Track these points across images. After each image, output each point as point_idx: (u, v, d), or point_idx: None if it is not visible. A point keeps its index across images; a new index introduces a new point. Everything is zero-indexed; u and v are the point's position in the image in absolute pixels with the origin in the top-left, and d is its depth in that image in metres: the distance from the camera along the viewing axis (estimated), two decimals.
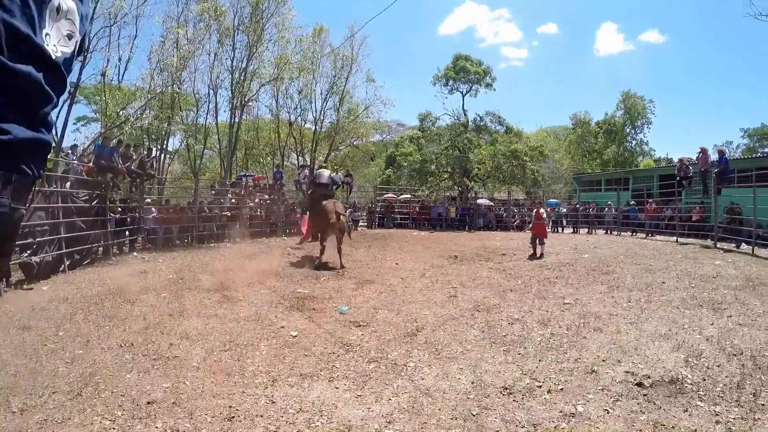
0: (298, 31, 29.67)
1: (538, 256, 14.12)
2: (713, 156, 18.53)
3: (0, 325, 7.13)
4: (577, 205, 28.28)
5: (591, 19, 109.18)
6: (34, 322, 7.22)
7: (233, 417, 4.24)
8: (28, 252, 10.72)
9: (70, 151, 17.04)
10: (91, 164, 14.41)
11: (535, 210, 15.56)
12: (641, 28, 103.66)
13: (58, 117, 22.97)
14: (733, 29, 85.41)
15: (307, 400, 4.59)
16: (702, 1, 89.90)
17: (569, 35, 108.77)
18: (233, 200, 21.45)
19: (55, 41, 1.57)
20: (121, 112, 23.50)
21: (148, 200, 17.51)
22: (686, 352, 5.55)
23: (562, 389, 4.70)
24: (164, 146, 28.75)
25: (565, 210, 28.72)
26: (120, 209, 15.35)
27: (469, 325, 7.00)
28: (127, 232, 15.53)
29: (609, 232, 23.99)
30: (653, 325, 6.65)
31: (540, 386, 4.78)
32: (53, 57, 1.56)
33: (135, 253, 14.78)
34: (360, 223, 26.72)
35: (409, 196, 31.34)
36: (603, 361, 5.36)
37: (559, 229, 26.59)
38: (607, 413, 4.21)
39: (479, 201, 30.06)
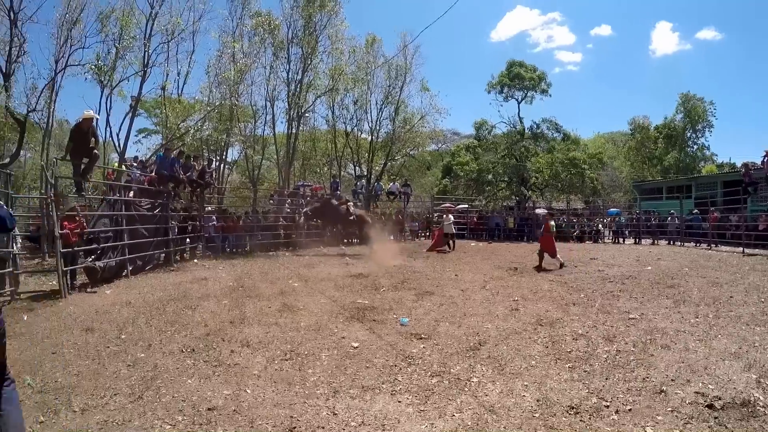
0: (351, 42, 29.94)
1: (552, 267, 13.82)
2: None
3: (64, 326, 7.35)
4: (639, 215, 27.39)
5: (645, 19, 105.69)
6: (97, 324, 7.40)
7: (294, 427, 4.14)
8: (93, 257, 11.01)
9: (133, 162, 17.54)
10: (153, 174, 14.77)
11: (544, 222, 15.16)
12: (697, 26, 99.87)
13: (120, 129, 23.81)
14: None
15: (370, 413, 4.45)
16: None
17: (624, 36, 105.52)
18: (288, 209, 21.66)
19: None
20: (181, 124, 24.08)
21: (208, 209, 17.80)
22: (758, 372, 5.20)
23: (630, 410, 4.43)
24: (224, 157, 29.36)
25: (624, 219, 27.79)
26: (181, 217, 15.65)
27: (532, 340, 6.73)
28: (187, 240, 15.82)
29: (672, 242, 23.11)
30: (722, 343, 6.27)
31: (607, 406, 4.53)
32: None
33: (195, 260, 15.07)
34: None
35: (466, 206, 30.99)
36: (672, 380, 5.06)
37: (620, 240, 25.78)
38: None
39: (537, 211, 29.48)
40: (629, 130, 50.38)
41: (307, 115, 30.07)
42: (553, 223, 14.84)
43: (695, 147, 45.83)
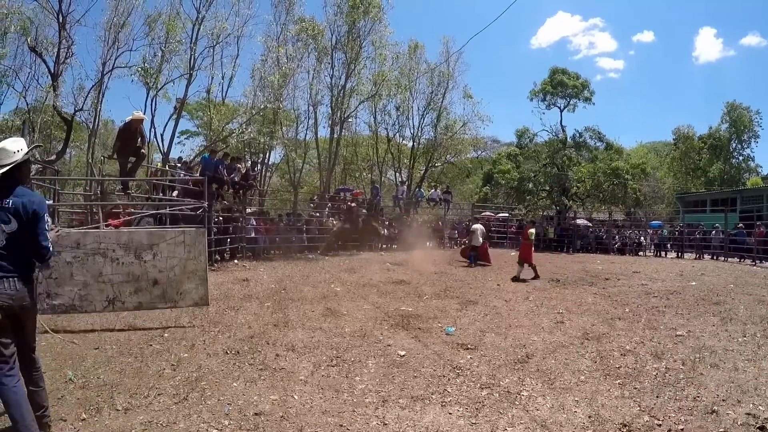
0: (394, 48, 29.73)
1: (520, 278, 13.60)
2: None
3: (106, 322, 7.38)
4: (682, 228, 26.67)
5: (688, 25, 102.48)
6: (140, 322, 7.42)
7: None
8: None
9: (178, 163, 17.76)
10: (197, 175, 14.89)
11: (524, 229, 14.96)
12: (741, 32, 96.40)
13: (164, 130, 24.21)
14: None
15: (421, 424, 4.33)
16: None
17: (666, 43, 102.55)
18: (327, 214, 21.74)
19: None
20: (225, 127, 24.36)
21: (249, 210, 17.89)
22: None
23: (682, 429, 4.31)
24: (266, 160, 29.56)
25: (667, 232, 27.10)
26: (223, 218, 15.74)
27: (579, 354, 6.57)
28: (228, 240, 15.89)
29: (715, 257, 22.41)
30: None
31: (660, 425, 4.38)
32: None
33: (236, 261, 15.14)
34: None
35: (506, 214, 30.66)
36: (723, 400, 4.90)
37: (662, 254, 25.11)
38: None
39: (578, 221, 28.97)
40: (672, 139, 49.14)
41: (349, 120, 30.17)
42: (533, 230, 14.58)
43: (740, 158, 44.47)
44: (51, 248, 3.85)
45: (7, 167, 3.65)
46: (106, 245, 7.09)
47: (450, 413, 4.59)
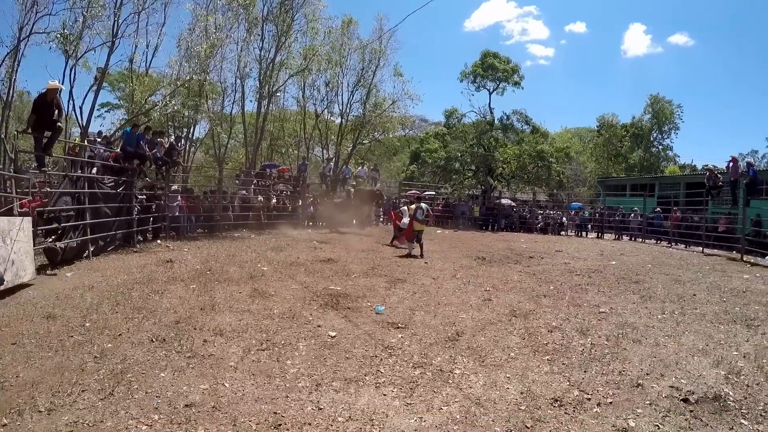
0: (328, 22, 29.37)
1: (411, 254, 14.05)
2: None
3: (23, 313, 6.86)
4: (602, 210, 27.87)
5: (619, 19, 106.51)
6: (59, 311, 6.97)
7: (280, 425, 3.98)
8: (53, 237, 10.52)
9: (97, 138, 16.93)
10: (118, 150, 14.23)
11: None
12: (670, 30, 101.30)
13: (84, 102, 22.91)
14: (764, 34, 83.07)
15: (356, 407, 4.35)
16: (732, 5, 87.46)
17: (597, 35, 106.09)
18: (256, 190, 21.40)
19: None
20: (148, 99, 23.37)
21: (174, 188, 17.27)
22: (726, 369, 5.45)
23: (611, 402, 4.56)
24: (190, 134, 28.58)
25: (587, 214, 28.28)
26: (145, 196, 15.15)
27: (508, 332, 6.78)
28: (151, 220, 15.32)
29: (633, 238, 23.78)
30: (690, 339, 6.51)
31: (589, 399, 4.64)
32: None
33: (159, 241, 14.65)
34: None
35: (432, 193, 31.01)
36: (647, 374, 5.24)
37: (583, 234, 26.33)
38: (658, 429, 4.15)
39: (503, 201, 29.67)
40: (596, 126, 51.08)
41: (278, 94, 29.59)
42: (413, 206, 14.74)
43: (660, 147, 46.92)
44: None
45: None
46: None
47: (385, 394, 4.64)
